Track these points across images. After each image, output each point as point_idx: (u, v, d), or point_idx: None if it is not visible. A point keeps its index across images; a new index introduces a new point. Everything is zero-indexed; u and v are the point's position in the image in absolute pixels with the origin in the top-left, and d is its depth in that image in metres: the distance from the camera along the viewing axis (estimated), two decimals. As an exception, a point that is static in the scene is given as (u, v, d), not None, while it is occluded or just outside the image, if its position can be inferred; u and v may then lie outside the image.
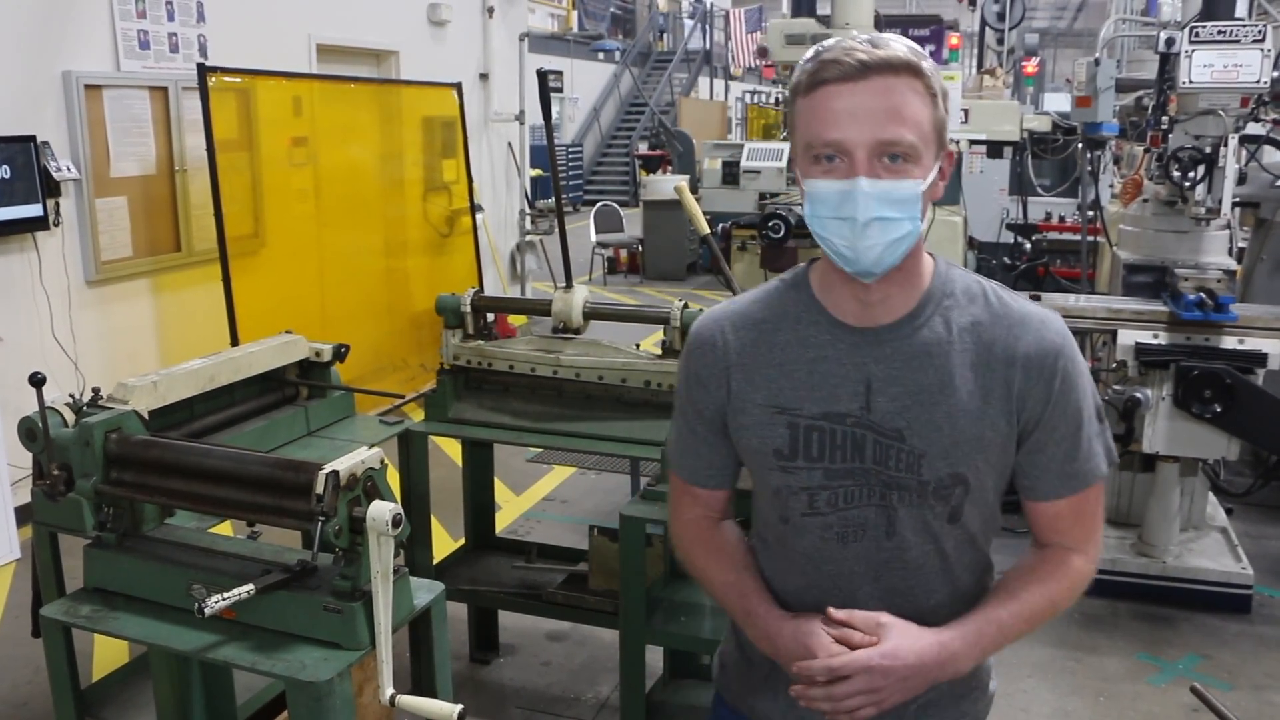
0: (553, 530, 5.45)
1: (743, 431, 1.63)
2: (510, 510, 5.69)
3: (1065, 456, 1.60)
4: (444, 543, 4.85)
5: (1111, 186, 7.55)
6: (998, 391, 1.55)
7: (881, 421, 1.55)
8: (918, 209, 1.46)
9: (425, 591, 2.28)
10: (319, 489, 2.03)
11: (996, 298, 1.60)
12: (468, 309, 3.59)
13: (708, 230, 2.91)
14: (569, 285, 3.52)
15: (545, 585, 3.75)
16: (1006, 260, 8.73)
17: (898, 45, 1.45)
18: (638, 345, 3.50)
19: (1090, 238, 7.98)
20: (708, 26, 27.48)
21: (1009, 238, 9.62)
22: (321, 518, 2.01)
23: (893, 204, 1.44)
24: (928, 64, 1.45)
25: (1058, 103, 11.34)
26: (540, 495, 6.00)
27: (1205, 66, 4.03)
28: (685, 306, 3.33)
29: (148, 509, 2.43)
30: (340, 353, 3.41)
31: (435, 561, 3.83)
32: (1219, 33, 3.99)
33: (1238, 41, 3.99)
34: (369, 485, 2.08)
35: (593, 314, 3.52)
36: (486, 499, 4.12)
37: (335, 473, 2.02)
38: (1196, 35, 4.00)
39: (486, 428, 3.55)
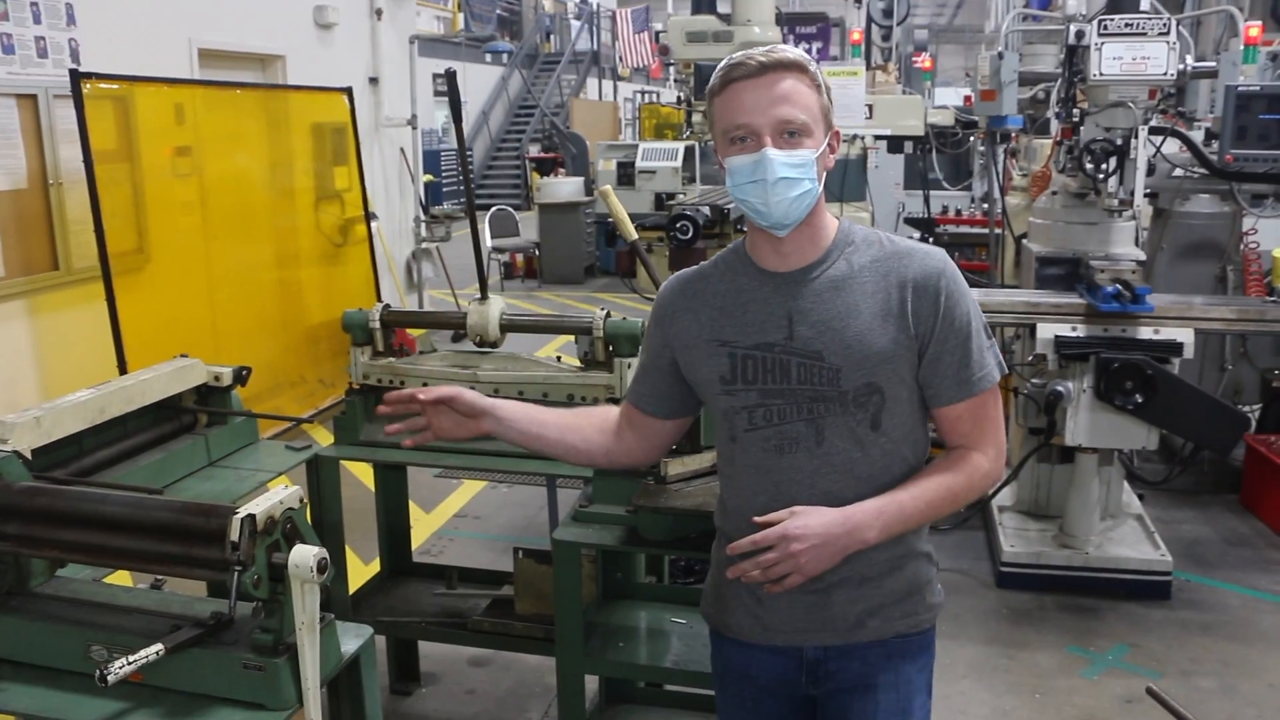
0: (468, 549, 5.25)
1: (693, 365, 2.00)
2: (421, 529, 5.48)
3: (959, 364, 1.91)
4: (356, 568, 4.63)
5: (1011, 179, 7.61)
6: (895, 311, 1.88)
7: (803, 346, 1.89)
8: (813, 171, 1.85)
9: (353, 637, 2.10)
10: (234, 535, 1.83)
11: (889, 240, 1.96)
12: (377, 325, 3.39)
13: (635, 235, 2.77)
14: (484, 296, 3.35)
15: (469, 612, 3.56)
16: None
17: (787, 50, 1.88)
18: (559, 357, 3.34)
19: (994, 230, 8.08)
20: (595, 27, 27.37)
21: (905, 232, 9.71)
22: (238, 567, 1.82)
23: (793, 167, 1.83)
24: (810, 64, 1.86)
25: (948, 97, 11.46)
26: (451, 511, 5.79)
27: (1114, 59, 4.04)
28: (608, 315, 3.18)
29: (35, 562, 2.19)
30: (242, 375, 3.18)
31: (351, 592, 3.63)
32: (1127, 25, 4.00)
33: (1145, 34, 4.01)
34: (289, 528, 1.90)
35: (510, 326, 3.36)
36: (401, 522, 3.92)
37: (251, 516, 1.83)
38: (1105, 28, 4.00)
39: (401, 449, 3.35)
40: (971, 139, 8.71)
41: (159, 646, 1.82)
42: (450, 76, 3.02)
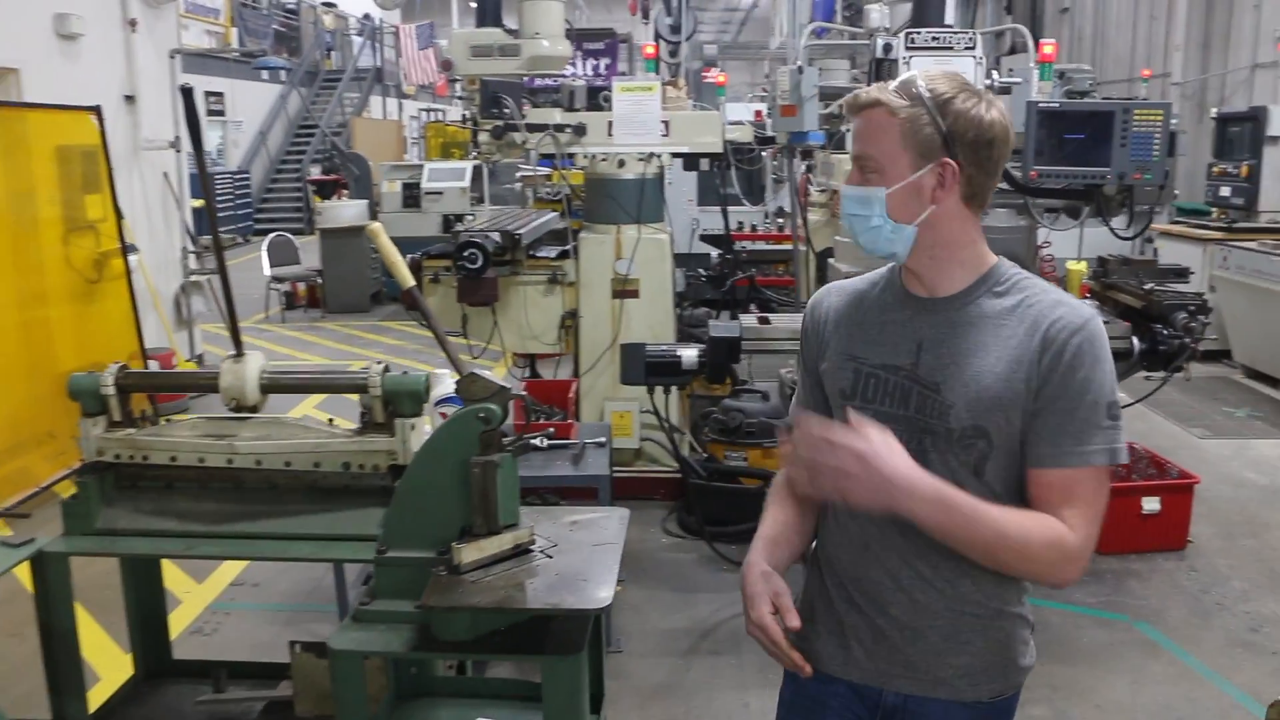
0: (246, 624, 4.68)
1: (825, 374, 2.03)
2: (192, 604, 4.86)
3: (1058, 428, 1.82)
4: (108, 661, 4.01)
5: (809, 195, 7.53)
6: (1025, 360, 1.83)
7: (925, 375, 1.89)
8: (880, 208, 1.87)
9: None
10: None
11: (1042, 288, 1.92)
12: (111, 391, 2.84)
13: (412, 282, 2.36)
14: (239, 353, 2.85)
15: (241, 719, 3.05)
16: (702, 272, 8.58)
17: (883, 89, 1.89)
18: (331, 420, 2.88)
19: (790, 246, 7.99)
20: (377, 43, 26.54)
21: (702, 249, 9.55)
22: None
23: (858, 202, 1.89)
24: (897, 100, 1.84)
25: (739, 112, 11.41)
26: (227, 580, 5.18)
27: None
28: (386, 370, 2.74)
29: None
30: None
31: (95, 708, 3.05)
32: (934, 39, 3.85)
33: (951, 48, 3.88)
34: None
35: (272, 386, 2.86)
36: (156, 614, 3.35)
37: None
38: (913, 41, 3.84)
39: (147, 538, 2.82)
40: (764, 155, 8.63)
41: None
42: (186, 94, 2.54)
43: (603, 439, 4.59)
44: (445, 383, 3.97)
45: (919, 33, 3.84)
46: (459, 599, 2.18)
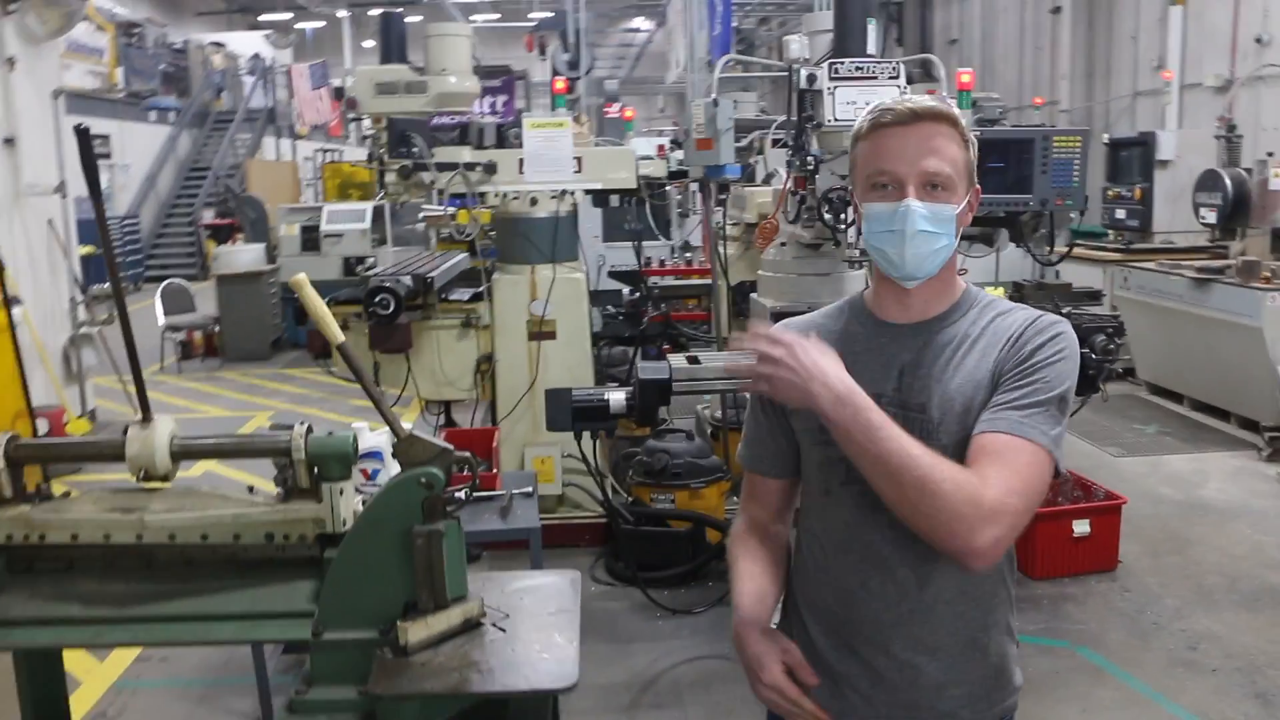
0: (156, 704, 4.38)
1: (801, 411, 1.89)
2: (94, 685, 4.52)
3: (1003, 400, 1.81)
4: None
5: (720, 227, 7.43)
6: (992, 366, 1.85)
7: (910, 398, 1.87)
8: (953, 227, 1.85)
9: None
10: None
11: (1011, 305, 1.94)
12: (0, 464, 2.58)
13: (341, 338, 2.17)
14: (145, 417, 2.61)
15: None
16: (611, 309, 8.45)
17: (940, 101, 1.87)
18: (251, 487, 2.65)
19: (701, 280, 7.90)
20: (269, 83, 26.03)
21: (610, 284, 9.42)
22: None
23: (933, 220, 1.82)
24: (961, 119, 1.85)
25: (642, 148, 11.34)
26: (132, 655, 4.84)
27: (848, 104, 3.82)
28: (309, 430, 2.53)
29: None
30: None
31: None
32: (858, 69, 3.79)
33: (876, 78, 3.81)
34: None
35: (184, 453, 2.62)
36: (56, 708, 3.05)
37: None
38: (836, 71, 3.76)
39: (48, 627, 2.55)
40: (668, 189, 8.55)
41: None
42: (82, 135, 2.32)
43: (529, 488, 4.42)
44: (366, 437, 3.78)
45: (843, 63, 3.77)
46: (410, 684, 1.98)
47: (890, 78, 3.80)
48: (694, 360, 4.32)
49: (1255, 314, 7.80)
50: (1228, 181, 8.97)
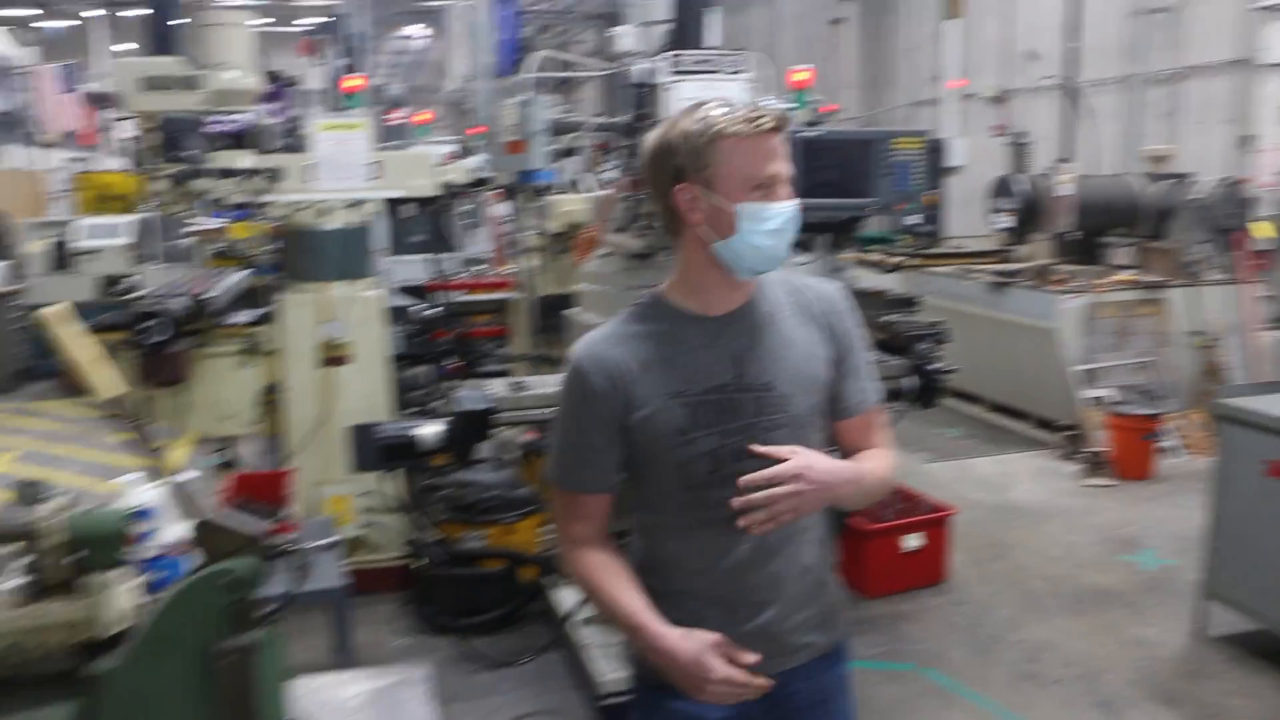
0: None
1: (647, 421, 2.02)
2: None
3: (855, 380, 2.14)
4: None
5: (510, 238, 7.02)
6: (821, 336, 2.10)
7: (753, 381, 2.04)
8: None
9: None
10: None
11: (785, 277, 2.13)
12: None
13: (122, 389, 1.65)
14: None
15: None
16: (400, 328, 7.86)
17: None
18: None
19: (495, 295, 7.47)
20: (6, 85, 23.85)
21: (396, 301, 8.81)
22: None
23: (795, 221, 2.03)
24: None
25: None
26: None
27: (690, 100, 3.46)
28: (68, 507, 1.97)
29: None
30: None
31: None
32: (700, 62, 3.45)
33: (718, 71, 3.48)
34: None
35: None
36: None
37: None
38: (678, 65, 3.41)
39: None
40: (454, 198, 8.06)
41: None
42: None
43: (332, 538, 3.86)
44: (138, 492, 3.17)
45: (684, 55, 3.43)
46: None
47: (734, 71, 3.48)
48: (519, 386, 3.89)
49: (1049, 316, 7.98)
50: (1022, 188, 9.18)
